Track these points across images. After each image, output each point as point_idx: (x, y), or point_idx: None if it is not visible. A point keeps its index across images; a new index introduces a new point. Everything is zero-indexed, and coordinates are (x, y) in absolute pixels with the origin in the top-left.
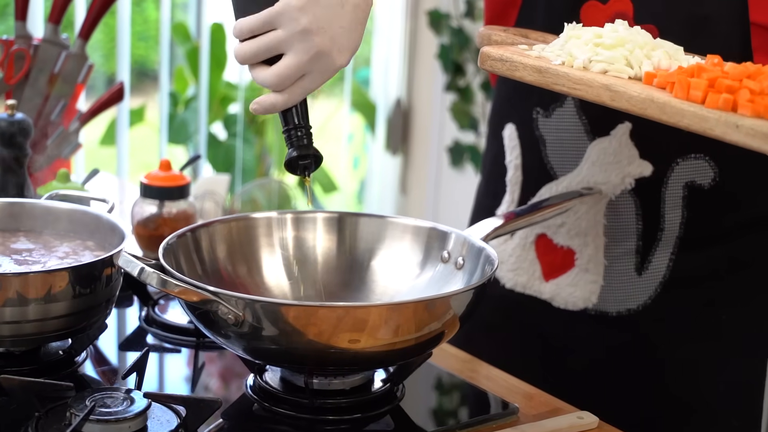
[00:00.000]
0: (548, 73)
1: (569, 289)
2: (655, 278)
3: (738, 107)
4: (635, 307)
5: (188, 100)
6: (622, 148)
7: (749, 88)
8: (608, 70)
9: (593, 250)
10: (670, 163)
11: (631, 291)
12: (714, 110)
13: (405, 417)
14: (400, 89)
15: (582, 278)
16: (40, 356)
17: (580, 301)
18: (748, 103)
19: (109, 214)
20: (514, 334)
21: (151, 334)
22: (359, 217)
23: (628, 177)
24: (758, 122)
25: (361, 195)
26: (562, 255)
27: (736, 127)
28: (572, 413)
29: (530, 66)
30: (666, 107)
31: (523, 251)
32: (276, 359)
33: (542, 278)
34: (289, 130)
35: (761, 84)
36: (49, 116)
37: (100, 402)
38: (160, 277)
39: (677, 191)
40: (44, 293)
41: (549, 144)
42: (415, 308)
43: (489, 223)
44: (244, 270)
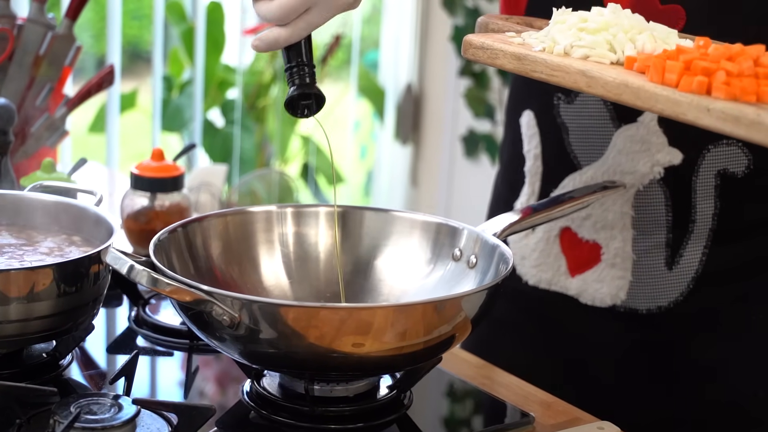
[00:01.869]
0: (527, 60)
1: (596, 285)
2: (687, 273)
3: (712, 90)
4: (666, 304)
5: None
6: (650, 135)
7: (726, 70)
8: (589, 56)
9: (620, 243)
10: (700, 151)
11: (661, 287)
12: (687, 94)
13: (413, 426)
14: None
15: (609, 273)
16: (22, 359)
17: (607, 297)
18: (723, 86)
19: (97, 207)
20: (538, 334)
21: (141, 336)
22: (364, 212)
23: (656, 166)
24: (729, 105)
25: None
26: (588, 249)
27: (707, 110)
28: (592, 423)
29: (510, 53)
30: (640, 92)
31: (546, 245)
32: (274, 364)
33: (568, 273)
34: (291, 68)
35: (740, 65)
36: (34, 101)
37: (86, 408)
38: (150, 276)
39: (709, 180)
40: (27, 292)
41: (572, 132)
42: (423, 310)
43: (504, 219)
44: (241, 268)
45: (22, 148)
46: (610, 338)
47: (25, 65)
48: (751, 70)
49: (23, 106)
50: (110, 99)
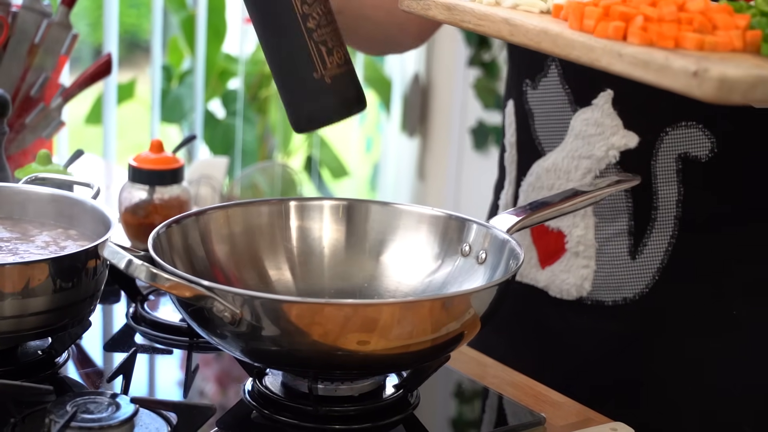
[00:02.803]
0: (456, 9)
1: (563, 276)
2: (652, 263)
3: (628, 35)
4: (631, 295)
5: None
6: (604, 118)
7: (645, 15)
8: (519, 5)
9: (583, 230)
10: (658, 134)
11: (625, 277)
12: (603, 39)
13: (420, 427)
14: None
15: (574, 263)
16: (17, 357)
17: (573, 288)
18: (639, 31)
19: (94, 200)
20: (516, 329)
21: (140, 334)
22: (370, 205)
23: (612, 149)
24: (640, 50)
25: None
26: (554, 238)
27: (619, 56)
28: (605, 424)
29: (440, 3)
30: (558, 39)
31: (519, 237)
32: (277, 362)
33: (539, 265)
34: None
35: (660, 10)
36: (29, 91)
37: (83, 407)
38: (149, 270)
39: (669, 165)
40: (21, 287)
41: (536, 118)
42: (431, 306)
43: (514, 213)
44: (243, 263)
45: (17, 140)
46: (579, 332)
47: (20, 54)
48: (673, 15)
49: (18, 96)
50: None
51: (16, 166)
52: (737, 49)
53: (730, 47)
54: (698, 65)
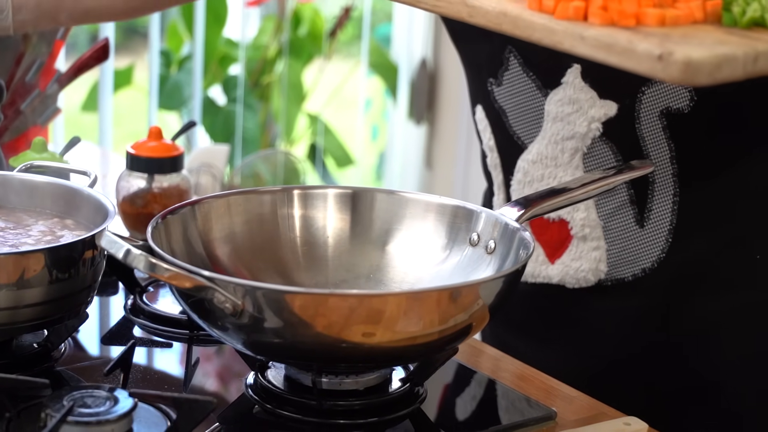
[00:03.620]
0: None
1: (575, 265)
2: (662, 227)
3: (588, 16)
4: (649, 264)
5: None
6: (577, 94)
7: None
8: None
9: (584, 212)
10: (635, 95)
11: (638, 247)
12: (563, 21)
13: (427, 422)
14: (426, 48)
15: (583, 248)
16: (12, 349)
17: (589, 274)
18: (599, 11)
19: (91, 188)
20: (539, 329)
21: (138, 326)
22: (376, 194)
23: (593, 122)
24: (603, 32)
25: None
26: (557, 229)
27: (581, 38)
28: (618, 419)
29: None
30: (518, 20)
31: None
32: (280, 355)
33: (548, 261)
34: None
35: None
36: (24, 77)
37: (80, 402)
38: (148, 261)
39: (654, 123)
40: (16, 278)
41: (509, 113)
42: (438, 297)
43: (524, 202)
44: (244, 253)
45: (12, 127)
46: (606, 316)
47: (14, 39)
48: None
49: (12, 82)
50: (104, 75)
51: (11, 153)
52: (699, 20)
53: (692, 19)
54: (662, 48)
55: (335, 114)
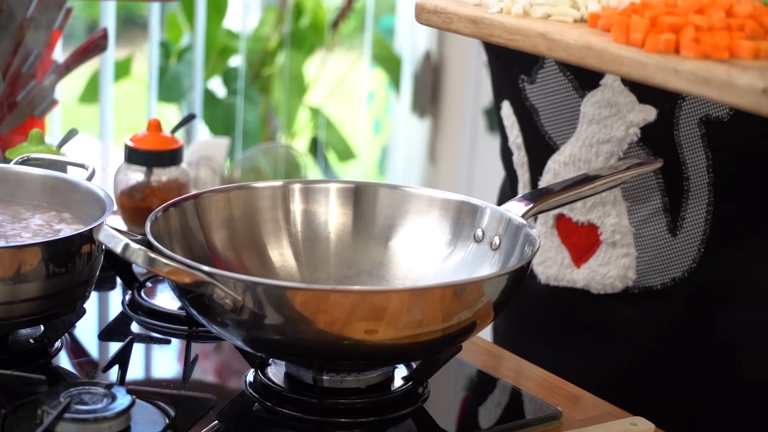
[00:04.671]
0: (483, 23)
1: (603, 270)
2: (694, 237)
3: (681, 48)
4: (680, 274)
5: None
6: (617, 97)
7: (695, 25)
8: (551, 14)
9: (616, 218)
10: (675, 101)
11: (669, 256)
12: (654, 54)
13: (429, 421)
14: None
15: (612, 253)
16: (8, 345)
17: (617, 281)
18: (692, 43)
19: (88, 181)
20: (558, 333)
21: (137, 322)
22: (378, 188)
23: (631, 127)
24: (698, 65)
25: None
26: (585, 233)
27: (675, 72)
28: (624, 419)
29: (465, 16)
30: (604, 54)
31: (546, 239)
32: (280, 352)
33: (573, 265)
34: None
35: (710, 18)
36: (20, 68)
37: (77, 398)
38: (147, 255)
39: (692, 131)
40: (12, 272)
41: (541, 112)
42: (442, 294)
43: (530, 198)
44: (245, 248)
45: (8, 119)
46: (632, 324)
47: (11, 28)
48: (723, 23)
49: (8, 72)
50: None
51: (7, 146)
52: None
53: None
54: (765, 81)
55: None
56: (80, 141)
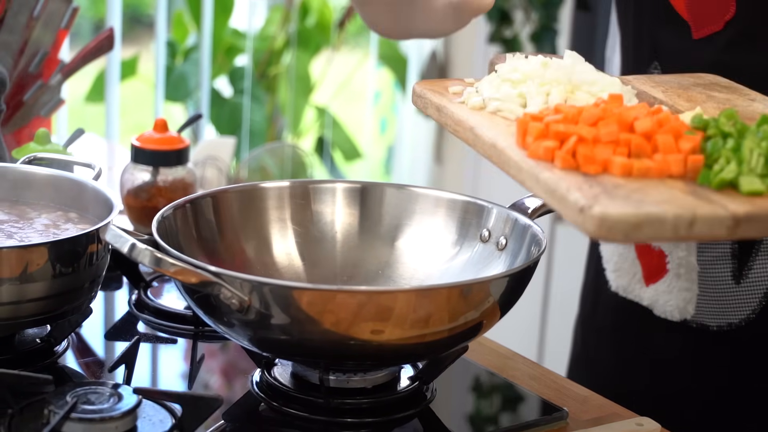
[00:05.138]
0: (443, 111)
1: (665, 297)
2: (758, 289)
3: (554, 158)
4: (737, 321)
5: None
6: None
7: (580, 136)
8: (501, 110)
9: (684, 252)
10: None
11: (729, 302)
12: (530, 160)
13: (436, 421)
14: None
15: (676, 285)
16: (15, 345)
17: (676, 311)
18: (565, 155)
19: (95, 181)
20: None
21: (143, 322)
22: (385, 188)
23: None
24: (556, 176)
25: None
26: (657, 257)
27: (536, 181)
28: (630, 419)
29: (433, 103)
30: (501, 155)
31: (624, 249)
32: (286, 352)
33: (643, 282)
34: None
35: (598, 130)
36: (27, 67)
37: (83, 398)
38: (154, 255)
39: None
40: (19, 272)
41: None
42: (448, 294)
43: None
44: (251, 248)
45: (15, 118)
46: (683, 355)
47: (18, 28)
48: (611, 136)
49: (15, 72)
50: (109, 66)
51: (14, 145)
52: (676, 174)
53: (667, 173)
54: (588, 201)
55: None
56: (86, 140)
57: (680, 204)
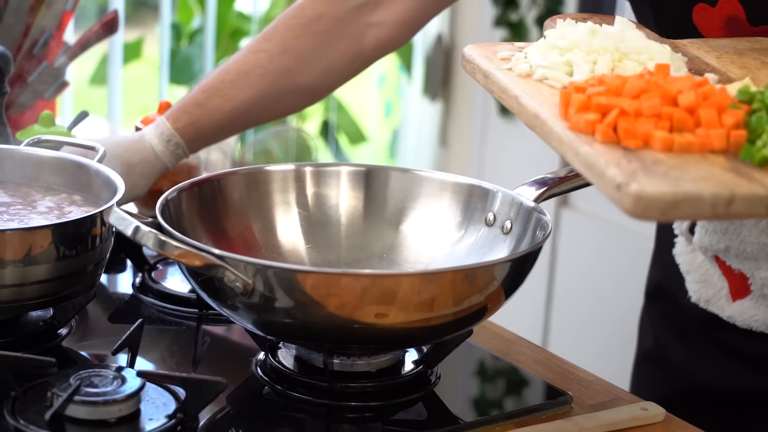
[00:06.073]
0: (490, 77)
1: (751, 312)
2: None
3: (595, 131)
4: None
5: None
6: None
7: (621, 109)
8: (547, 78)
9: (766, 272)
10: None
11: None
12: (571, 132)
13: (440, 405)
14: (442, 23)
15: (763, 303)
16: (18, 327)
17: (762, 325)
18: (606, 128)
19: (99, 163)
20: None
21: (147, 305)
22: (390, 172)
23: None
24: (596, 150)
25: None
26: (738, 278)
27: (576, 154)
28: (635, 404)
29: (481, 69)
30: (544, 126)
31: (711, 266)
32: (291, 335)
33: (729, 297)
34: None
35: (641, 103)
36: (31, 49)
37: (87, 381)
38: (157, 238)
39: None
40: (23, 254)
41: None
42: (453, 278)
43: (542, 181)
44: (256, 231)
45: (19, 100)
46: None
47: (22, 10)
48: (654, 110)
49: (19, 54)
50: (113, 48)
51: (18, 127)
52: (718, 149)
53: (709, 148)
54: (625, 177)
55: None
56: (91, 123)
57: (719, 182)
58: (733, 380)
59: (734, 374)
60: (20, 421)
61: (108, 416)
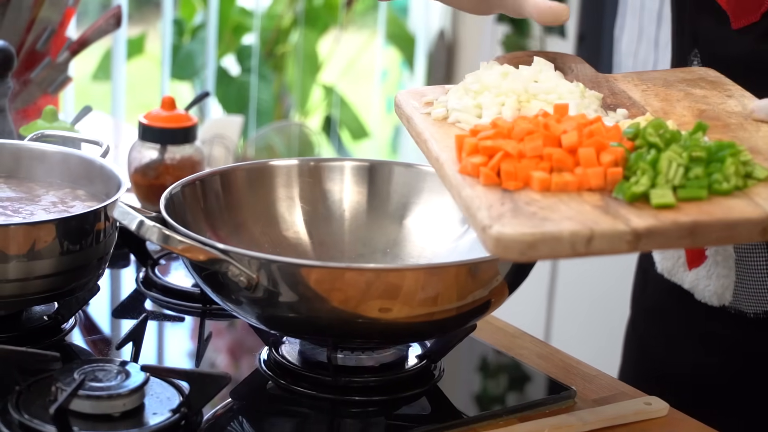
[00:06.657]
0: (411, 122)
1: (705, 282)
2: None
3: (479, 174)
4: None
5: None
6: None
7: (506, 152)
8: (460, 120)
9: None
10: None
11: (765, 290)
12: (459, 175)
13: (443, 399)
14: (444, 19)
15: (715, 271)
16: (22, 322)
17: (714, 297)
18: (489, 171)
19: (102, 158)
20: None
21: (150, 299)
22: (393, 167)
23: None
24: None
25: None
26: None
27: (459, 196)
28: (639, 398)
29: (404, 114)
30: (440, 169)
31: None
32: (294, 330)
33: (686, 266)
34: None
35: (524, 146)
36: (34, 45)
37: (91, 375)
38: (161, 232)
39: None
40: (27, 249)
41: None
42: (457, 272)
43: None
44: (259, 226)
45: (22, 95)
46: (721, 339)
47: (25, 5)
48: (536, 151)
49: (22, 49)
50: (116, 44)
51: (21, 122)
52: (595, 187)
53: (586, 186)
54: (489, 220)
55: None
56: (94, 118)
57: (582, 220)
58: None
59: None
60: (24, 415)
61: (112, 410)
